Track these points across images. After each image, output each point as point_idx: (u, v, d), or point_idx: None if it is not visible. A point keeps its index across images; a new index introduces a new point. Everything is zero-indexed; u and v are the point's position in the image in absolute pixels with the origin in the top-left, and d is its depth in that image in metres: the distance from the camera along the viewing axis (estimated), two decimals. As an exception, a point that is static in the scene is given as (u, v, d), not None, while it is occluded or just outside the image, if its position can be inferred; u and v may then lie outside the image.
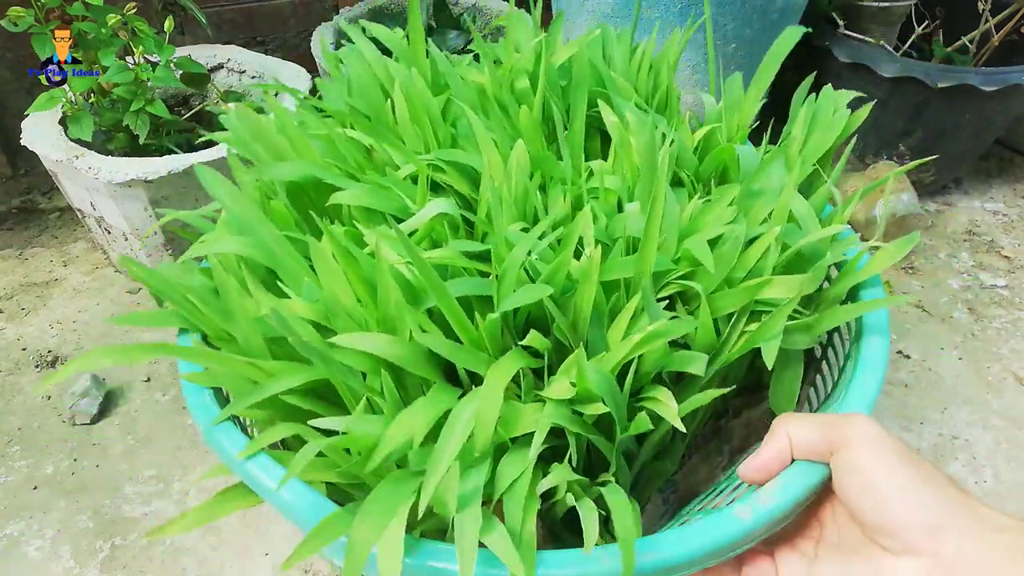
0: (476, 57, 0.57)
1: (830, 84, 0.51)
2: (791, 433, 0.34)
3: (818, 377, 0.50)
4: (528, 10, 0.59)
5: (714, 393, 0.38)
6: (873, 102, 0.51)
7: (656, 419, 0.38)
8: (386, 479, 0.33)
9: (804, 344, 0.41)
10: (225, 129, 0.50)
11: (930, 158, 0.66)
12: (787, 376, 0.43)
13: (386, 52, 0.55)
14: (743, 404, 0.50)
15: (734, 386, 0.40)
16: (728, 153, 0.47)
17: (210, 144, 0.86)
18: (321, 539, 0.32)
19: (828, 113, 0.50)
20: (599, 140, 0.54)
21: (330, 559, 0.40)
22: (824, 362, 0.49)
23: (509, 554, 0.31)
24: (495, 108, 0.48)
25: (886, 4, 1.03)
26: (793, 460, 0.35)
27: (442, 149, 0.48)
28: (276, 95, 0.94)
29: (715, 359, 0.40)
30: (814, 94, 0.51)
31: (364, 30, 0.57)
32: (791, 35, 0.52)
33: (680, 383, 0.42)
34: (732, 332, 0.40)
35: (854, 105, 0.51)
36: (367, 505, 0.32)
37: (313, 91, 0.89)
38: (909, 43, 1.09)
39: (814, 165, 0.48)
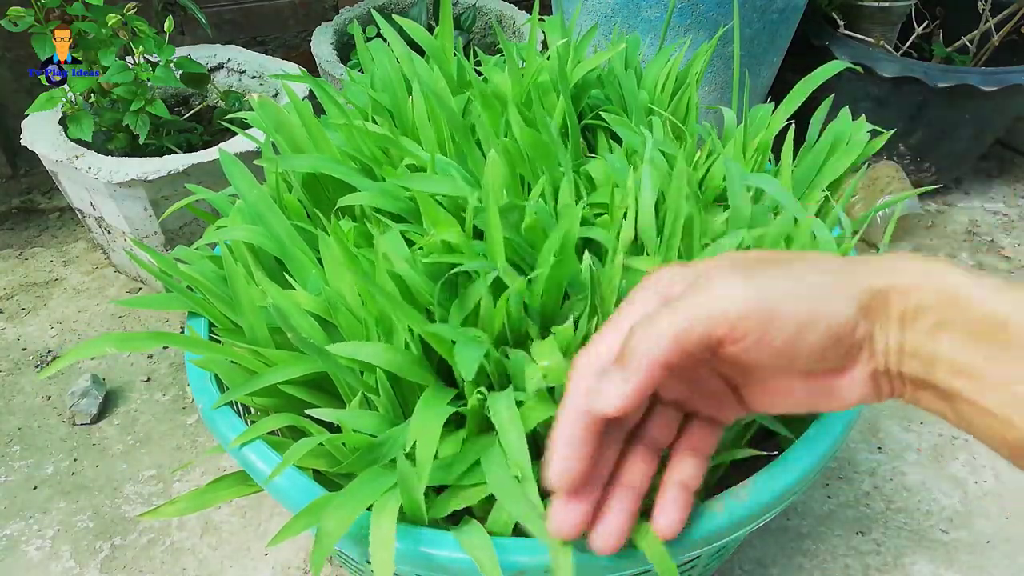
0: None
1: (848, 108, 0.51)
2: (666, 359, 0.26)
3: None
4: (528, 10, 0.59)
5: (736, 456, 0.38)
6: (891, 132, 0.51)
7: None
8: (359, 477, 0.33)
9: None
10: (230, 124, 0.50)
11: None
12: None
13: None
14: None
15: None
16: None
17: (210, 144, 0.86)
18: (306, 520, 0.34)
19: (844, 139, 0.50)
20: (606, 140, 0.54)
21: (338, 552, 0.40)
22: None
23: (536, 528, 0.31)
24: (516, 116, 0.48)
25: (886, 4, 1.03)
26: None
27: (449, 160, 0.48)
28: (276, 95, 0.94)
29: None
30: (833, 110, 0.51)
31: (394, 24, 0.57)
32: (831, 67, 0.53)
33: None
34: None
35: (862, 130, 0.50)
36: (338, 498, 0.33)
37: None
38: (909, 43, 1.09)
39: (824, 191, 0.48)
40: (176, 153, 0.84)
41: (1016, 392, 0.23)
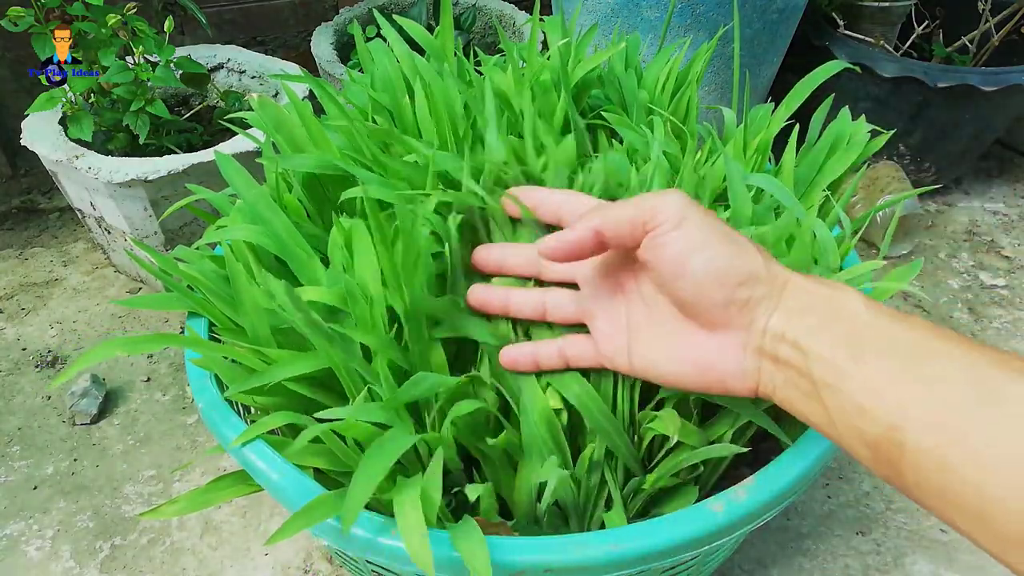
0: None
1: (848, 108, 0.51)
2: (599, 226, 0.33)
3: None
4: (528, 10, 0.59)
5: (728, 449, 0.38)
6: (891, 132, 0.51)
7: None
8: (372, 444, 0.33)
9: None
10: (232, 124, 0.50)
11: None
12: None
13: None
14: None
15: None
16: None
17: (210, 144, 0.86)
18: (307, 519, 0.33)
19: (844, 139, 0.50)
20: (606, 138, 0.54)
21: (332, 548, 0.40)
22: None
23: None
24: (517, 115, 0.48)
25: (886, 4, 1.04)
26: (607, 249, 0.34)
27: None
28: (276, 95, 0.94)
29: None
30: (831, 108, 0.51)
31: (395, 24, 0.57)
32: (831, 67, 0.53)
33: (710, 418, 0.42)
34: None
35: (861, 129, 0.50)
36: (369, 453, 0.32)
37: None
38: (909, 43, 1.09)
39: (825, 191, 0.48)
40: (176, 153, 0.84)
41: (874, 386, 0.27)
